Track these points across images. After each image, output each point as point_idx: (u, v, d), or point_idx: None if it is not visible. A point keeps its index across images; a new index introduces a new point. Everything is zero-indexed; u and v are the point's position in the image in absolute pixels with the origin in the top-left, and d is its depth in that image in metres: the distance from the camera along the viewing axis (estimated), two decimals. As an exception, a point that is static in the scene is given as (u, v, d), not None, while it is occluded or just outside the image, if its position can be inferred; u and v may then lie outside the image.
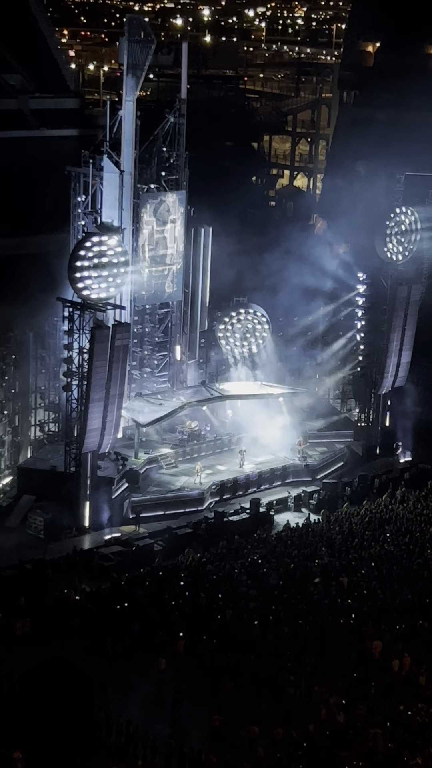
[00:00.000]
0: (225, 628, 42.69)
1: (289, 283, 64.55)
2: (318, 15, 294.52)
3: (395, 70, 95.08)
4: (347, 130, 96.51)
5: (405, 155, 75.56)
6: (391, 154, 78.91)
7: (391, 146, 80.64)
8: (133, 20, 58.41)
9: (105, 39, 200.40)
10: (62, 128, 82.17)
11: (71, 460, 53.81)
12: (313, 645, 41.72)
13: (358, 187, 72.86)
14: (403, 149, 79.32)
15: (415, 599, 45.47)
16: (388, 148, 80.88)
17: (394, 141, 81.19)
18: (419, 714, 36.94)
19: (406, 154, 76.99)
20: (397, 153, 77.79)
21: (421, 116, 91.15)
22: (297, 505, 58.02)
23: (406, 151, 78.40)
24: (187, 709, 37.94)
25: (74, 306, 53.12)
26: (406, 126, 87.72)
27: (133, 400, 59.80)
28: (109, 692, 37.36)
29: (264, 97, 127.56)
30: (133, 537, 52.66)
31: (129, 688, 39.50)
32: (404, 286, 63.94)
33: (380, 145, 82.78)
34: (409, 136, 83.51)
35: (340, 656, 41.38)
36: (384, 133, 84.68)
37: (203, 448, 61.15)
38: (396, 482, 60.08)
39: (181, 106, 60.32)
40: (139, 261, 58.64)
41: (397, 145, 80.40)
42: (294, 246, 67.48)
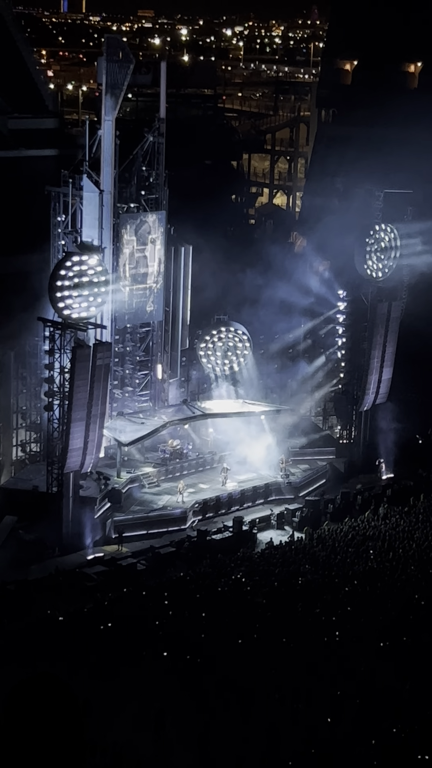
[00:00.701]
0: (209, 646, 42.54)
1: (270, 301, 64.66)
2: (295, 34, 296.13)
3: (373, 87, 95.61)
4: (326, 148, 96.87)
5: (384, 173, 75.88)
6: (370, 171, 79.23)
7: (369, 164, 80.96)
8: (112, 40, 58.51)
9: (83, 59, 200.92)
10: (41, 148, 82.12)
11: (53, 480, 53.66)
12: (296, 663, 41.61)
13: (337, 204, 73.17)
14: (381, 167, 79.66)
15: (399, 616, 45.41)
16: (366, 165, 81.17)
17: (372, 159, 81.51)
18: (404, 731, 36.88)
19: (384, 171, 77.32)
20: (376, 170, 78.12)
21: (400, 133, 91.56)
22: (280, 523, 57.97)
23: (385, 169, 78.74)
24: (171, 728, 37.77)
25: (55, 325, 53.06)
26: (385, 143, 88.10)
27: (114, 419, 59.72)
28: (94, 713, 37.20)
29: (242, 115, 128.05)
30: (116, 556, 52.51)
31: (113, 708, 39.31)
32: (384, 303, 64.11)
33: (359, 162, 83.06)
34: (388, 154, 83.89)
35: (324, 674, 41.29)
36: (362, 150, 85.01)
37: (185, 467, 61.12)
38: (378, 499, 60.10)
39: (160, 126, 60.42)
40: (119, 280, 58.63)
41: (376, 163, 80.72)
42: (274, 264, 67.61)
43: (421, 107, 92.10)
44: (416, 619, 45.31)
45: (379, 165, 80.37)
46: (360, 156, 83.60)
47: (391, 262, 64.82)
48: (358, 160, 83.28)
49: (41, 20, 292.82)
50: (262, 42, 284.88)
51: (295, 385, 67.89)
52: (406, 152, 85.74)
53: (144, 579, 50.06)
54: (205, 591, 47.35)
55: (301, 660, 41.79)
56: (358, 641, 43.08)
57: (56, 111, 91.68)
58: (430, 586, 48.32)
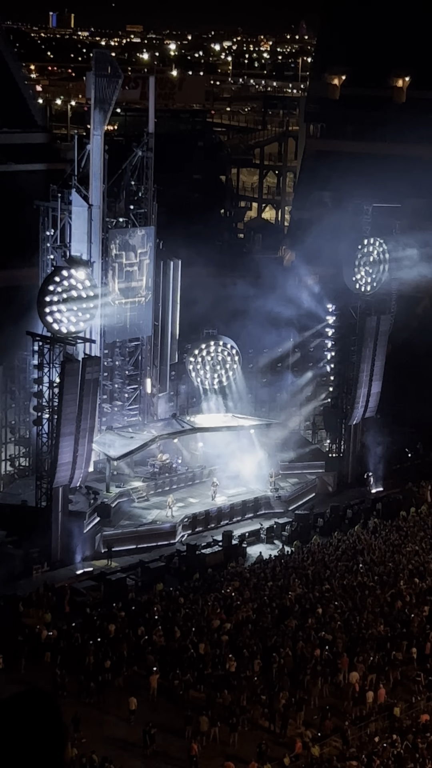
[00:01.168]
0: (198, 662, 42.45)
1: (259, 314, 64.69)
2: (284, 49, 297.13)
3: (361, 102, 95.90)
4: (314, 163, 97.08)
5: (372, 187, 76.04)
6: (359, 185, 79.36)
7: (358, 178, 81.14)
8: (100, 55, 58.61)
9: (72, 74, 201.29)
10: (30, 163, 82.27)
11: (42, 495, 53.54)
12: (287, 677, 41.54)
13: (325, 218, 73.17)
14: (370, 181, 79.85)
15: (389, 630, 45.38)
16: (355, 179, 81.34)
17: (361, 173, 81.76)
18: (394, 746, 36.83)
19: (373, 185, 77.48)
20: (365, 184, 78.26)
21: (388, 148, 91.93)
22: (269, 537, 57.88)
23: (373, 183, 78.92)
24: (160, 744, 37.68)
25: (44, 340, 53.00)
26: (373, 158, 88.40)
27: (103, 433, 59.62)
28: (83, 729, 37.08)
29: (231, 130, 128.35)
30: (105, 571, 52.37)
31: (102, 724, 39.22)
32: (373, 317, 64.17)
33: (347, 177, 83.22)
34: (376, 168, 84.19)
35: (314, 688, 41.24)
36: (351, 165, 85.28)
37: (175, 481, 61.02)
38: (368, 513, 60.07)
39: (148, 140, 60.47)
40: (108, 294, 58.60)
41: (364, 177, 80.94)
42: (263, 277, 67.72)
43: (409, 122, 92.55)
44: (406, 633, 45.27)
45: (367, 179, 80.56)
46: (348, 170, 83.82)
47: (379, 275, 64.91)
48: (347, 174, 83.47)
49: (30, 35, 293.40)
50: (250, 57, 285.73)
51: (284, 399, 67.86)
52: (394, 166, 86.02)
53: (133, 594, 49.91)
54: (195, 606, 47.22)
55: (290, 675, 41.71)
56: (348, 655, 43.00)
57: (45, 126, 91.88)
58: (420, 599, 48.30)
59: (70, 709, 36.48)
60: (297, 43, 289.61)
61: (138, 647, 43.49)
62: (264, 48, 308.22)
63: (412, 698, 41.09)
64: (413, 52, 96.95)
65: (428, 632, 45.32)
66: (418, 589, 49.29)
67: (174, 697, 40.98)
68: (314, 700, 40.89)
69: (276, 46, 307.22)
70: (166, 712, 40.00)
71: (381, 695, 40.92)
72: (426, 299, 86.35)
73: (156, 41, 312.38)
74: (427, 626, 45.78)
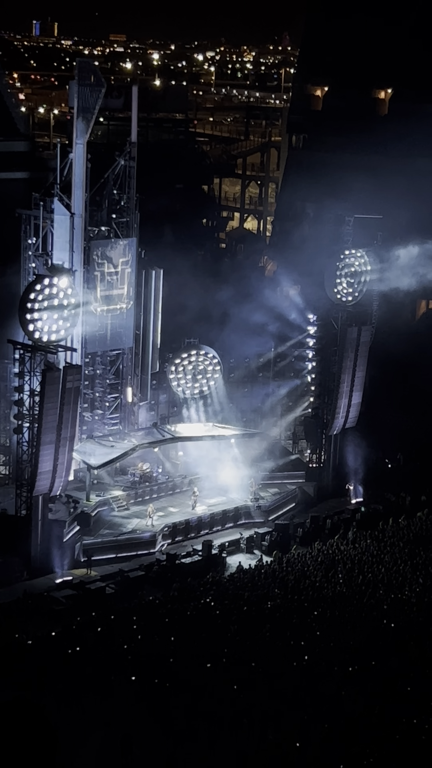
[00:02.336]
0: (178, 671, 42.41)
1: (240, 324, 64.77)
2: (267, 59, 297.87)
3: (343, 113, 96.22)
4: (296, 173, 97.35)
5: (354, 198, 76.31)
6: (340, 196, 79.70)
7: (339, 189, 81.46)
8: (83, 64, 58.64)
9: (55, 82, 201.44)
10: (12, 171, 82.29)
11: (22, 503, 53.45)
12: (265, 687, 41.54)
13: (307, 229, 73.45)
14: (351, 192, 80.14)
15: (368, 640, 45.42)
16: (337, 190, 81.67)
17: (343, 184, 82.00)
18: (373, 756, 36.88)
19: (354, 196, 77.76)
20: (346, 196, 78.57)
21: (369, 159, 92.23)
22: (249, 547, 57.89)
23: (355, 194, 79.19)
24: (138, 754, 37.59)
25: (25, 348, 52.94)
26: (355, 169, 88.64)
27: (84, 442, 59.58)
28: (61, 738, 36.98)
29: (214, 140, 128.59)
30: (85, 580, 52.29)
31: (81, 734, 39.10)
32: (354, 328, 64.33)
33: (329, 188, 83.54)
34: (358, 179, 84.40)
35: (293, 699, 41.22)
36: (333, 176, 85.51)
37: (155, 490, 61.02)
38: (348, 523, 60.16)
39: (131, 149, 60.54)
40: (90, 303, 58.57)
41: (346, 188, 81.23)
42: (245, 287, 67.80)
43: (391, 133, 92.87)
44: (385, 643, 45.34)
45: (349, 190, 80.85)
46: (330, 181, 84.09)
47: (361, 286, 65.08)
48: (329, 185, 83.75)
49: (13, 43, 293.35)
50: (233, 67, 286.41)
51: (265, 409, 67.95)
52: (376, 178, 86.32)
53: (113, 603, 49.84)
54: (174, 615, 47.19)
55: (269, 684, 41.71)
56: (327, 665, 43.04)
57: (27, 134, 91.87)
58: (399, 610, 48.39)
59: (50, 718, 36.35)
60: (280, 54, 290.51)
61: (117, 656, 43.41)
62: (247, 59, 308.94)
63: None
64: (396, 63, 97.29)
65: (406, 642, 45.39)
66: (397, 599, 49.35)
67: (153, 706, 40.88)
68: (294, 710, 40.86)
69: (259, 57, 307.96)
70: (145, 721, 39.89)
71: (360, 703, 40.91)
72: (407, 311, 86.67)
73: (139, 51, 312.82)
74: (405, 636, 45.86)
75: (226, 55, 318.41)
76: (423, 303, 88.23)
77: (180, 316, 64.08)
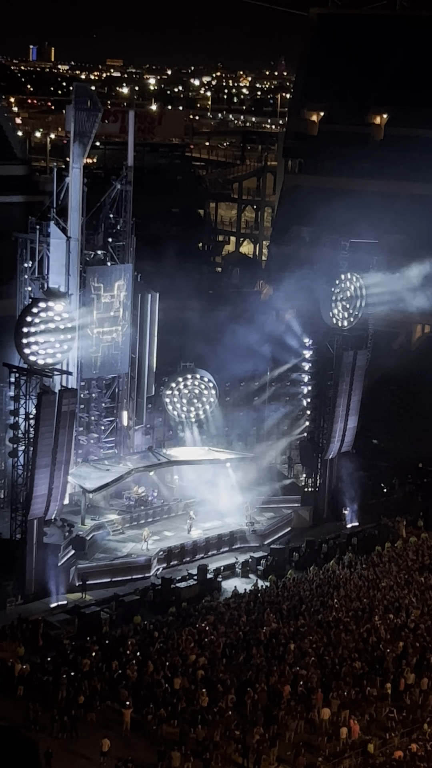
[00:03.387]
0: (172, 696, 42.23)
1: (236, 348, 64.79)
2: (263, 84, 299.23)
3: (339, 138, 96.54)
4: (292, 198, 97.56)
5: (349, 222, 76.51)
6: (336, 221, 79.95)
7: (335, 214, 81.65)
8: (80, 89, 58.81)
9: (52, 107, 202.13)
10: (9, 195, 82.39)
11: (17, 527, 53.30)
12: (261, 713, 41.37)
13: (303, 253, 73.54)
14: (347, 216, 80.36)
15: (364, 666, 45.27)
16: (332, 215, 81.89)
17: (338, 209, 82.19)
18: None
19: (350, 221, 77.96)
20: (342, 220, 78.79)
21: (365, 184, 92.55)
22: (245, 571, 57.72)
23: (351, 219, 79.42)
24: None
25: (21, 371, 52.90)
26: (350, 193, 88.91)
27: (79, 465, 59.47)
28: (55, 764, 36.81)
29: (210, 164, 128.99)
30: (80, 604, 52.11)
31: (75, 758, 38.94)
32: (350, 352, 64.36)
33: (325, 212, 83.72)
34: (353, 204, 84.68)
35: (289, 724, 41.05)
36: (329, 200, 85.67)
37: (150, 514, 60.87)
38: (343, 547, 60.03)
39: (127, 173, 60.66)
40: (86, 327, 58.58)
41: (342, 213, 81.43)
42: (241, 311, 67.88)
43: (387, 158, 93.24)
44: (381, 669, 45.18)
45: (344, 215, 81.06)
46: (326, 206, 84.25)
47: (356, 311, 65.14)
48: (324, 209, 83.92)
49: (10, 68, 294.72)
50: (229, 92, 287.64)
51: (261, 433, 67.92)
52: (371, 202, 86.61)
53: (107, 627, 49.64)
54: (169, 640, 46.99)
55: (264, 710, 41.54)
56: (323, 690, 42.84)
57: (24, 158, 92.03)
58: (395, 635, 48.23)
59: (42, 744, 36.24)
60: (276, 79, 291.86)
61: (111, 681, 43.24)
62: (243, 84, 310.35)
63: (386, 734, 40.97)
64: (392, 89, 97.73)
65: (403, 668, 45.24)
66: (393, 624, 49.22)
67: (147, 732, 40.73)
68: (288, 736, 40.72)
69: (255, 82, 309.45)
70: (139, 747, 39.74)
71: (355, 731, 40.81)
72: (402, 335, 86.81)
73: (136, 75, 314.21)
74: (402, 662, 45.71)
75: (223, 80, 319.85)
76: (419, 327, 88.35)
77: (176, 340, 64.09)
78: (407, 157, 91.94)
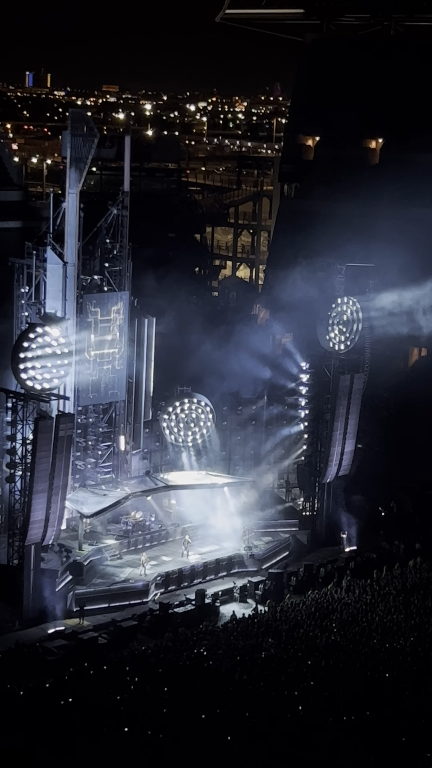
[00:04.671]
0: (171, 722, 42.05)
1: (233, 372, 64.83)
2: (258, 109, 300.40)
3: (334, 163, 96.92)
4: (288, 222, 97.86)
5: (345, 246, 76.64)
6: (332, 245, 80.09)
7: (331, 238, 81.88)
8: (76, 114, 59.06)
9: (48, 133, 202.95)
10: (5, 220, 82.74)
11: (14, 552, 53.19)
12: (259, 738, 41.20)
13: (299, 277, 73.62)
14: (343, 241, 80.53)
15: (362, 690, 45.11)
16: (328, 239, 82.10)
17: (334, 233, 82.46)
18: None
19: (346, 245, 78.09)
20: (338, 244, 78.93)
21: (360, 208, 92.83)
22: (243, 596, 57.59)
23: (346, 243, 79.56)
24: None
25: (17, 396, 52.91)
26: (346, 218, 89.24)
27: (77, 490, 59.40)
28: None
29: (206, 189, 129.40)
30: (77, 630, 51.95)
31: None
32: (347, 375, 64.40)
33: (321, 236, 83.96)
34: (349, 228, 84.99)
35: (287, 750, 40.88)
36: (324, 224, 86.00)
37: (148, 539, 60.76)
38: (341, 572, 59.90)
39: (124, 199, 60.86)
40: (82, 352, 58.61)
41: (338, 237, 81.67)
42: (237, 335, 67.92)
43: (382, 183, 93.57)
44: (379, 693, 45.02)
45: (340, 239, 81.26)
46: (322, 230, 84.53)
47: (353, 334, 65.23)
48: (320, 234, 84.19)
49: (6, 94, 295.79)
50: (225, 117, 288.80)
51: (258, 457, 67.86)
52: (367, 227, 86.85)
53: (105, 653, 49.49)
54: (167, 665, 46.85)
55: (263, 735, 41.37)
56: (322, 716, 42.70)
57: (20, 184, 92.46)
58: (394, 660, 48.09)
59: None
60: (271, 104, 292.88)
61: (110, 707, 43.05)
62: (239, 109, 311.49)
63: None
64: (387, 114, 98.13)
65: (401, 692, 45.07)
66: (392, 649, 49.07)
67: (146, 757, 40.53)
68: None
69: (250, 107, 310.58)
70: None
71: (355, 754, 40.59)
72: (399, 358, 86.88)
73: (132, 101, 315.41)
74: (400, 686, 45.56)
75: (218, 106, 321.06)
76: (415, 350, 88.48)
77: (173, 364, 64.10)
78: (403, 181, 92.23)
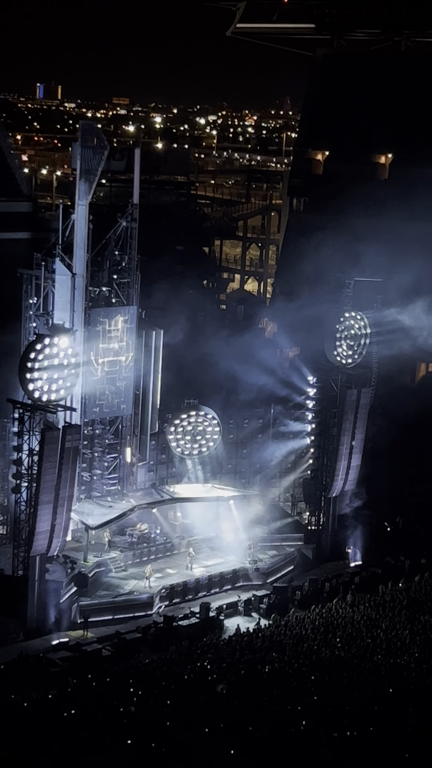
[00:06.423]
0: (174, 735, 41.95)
1: (240, 385, 64.80)
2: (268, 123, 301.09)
3: (344, 177, 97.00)
4: (297, 236, 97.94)
5: (353, 261, 76.66)
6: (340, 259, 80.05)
7: (340, 252, 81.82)
8: (87, 126, 59.19)
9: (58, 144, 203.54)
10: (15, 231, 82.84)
11: (19, 563, 53.16)
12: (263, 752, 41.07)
13: (307, 291, 73.70)
14: (352, 255, 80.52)
15: (366, 706, 44.97)
16: (337, 254, 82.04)
17: (343, 247, 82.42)
18: None
19: (354, 260, 78.11)
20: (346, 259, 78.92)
21: (370, 223, 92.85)
22: (247, 610, 57.50)
23: (355, 257, 79.57)
24: None
25: (24, 407, 52.93)
26: (355, 233, 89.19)
27: (82, 502, 59.39)
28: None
29: (215, 202, 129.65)
30: (81, 642, 51.89)
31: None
32: (354, 390, 64.37)
33: (329, 250, 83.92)
34: (358, 243, 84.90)
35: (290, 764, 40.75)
36: (333, 239, 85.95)
37: (153, 551, 60.72)
38: (346, 586, 59.78)
39: (133, 211, 60.94)
40: (90, 363, 58.66)
41: (346, 251, 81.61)
42: (244, 349, 67.92)
43: (391, 198, 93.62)
44: (383, 709, 44.89)
45: (349, 254, 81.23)
46: (330, 244, 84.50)
47: (360, 349, 65.21)
48: (329, 248, 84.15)
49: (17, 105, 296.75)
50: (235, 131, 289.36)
51: (264, 470, 67.81)
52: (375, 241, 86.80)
53: (109, 665, 49.41)
54: (171, 678, 46.77)
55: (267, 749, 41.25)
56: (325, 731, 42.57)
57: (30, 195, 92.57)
58: (398, 675, 47.96)
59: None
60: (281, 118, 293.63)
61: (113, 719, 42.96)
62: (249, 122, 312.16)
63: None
64: (396, 129, 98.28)
65: (405, 708, 44.94)
66: (396, 664, 48.95)
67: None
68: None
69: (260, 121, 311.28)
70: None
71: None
72: (406, 373, 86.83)
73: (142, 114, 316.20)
74: (404, 702, 45.43)
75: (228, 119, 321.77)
76: (423, 366, 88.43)
77: (180, 377, 64.11)
78: (412, 196, 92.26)
